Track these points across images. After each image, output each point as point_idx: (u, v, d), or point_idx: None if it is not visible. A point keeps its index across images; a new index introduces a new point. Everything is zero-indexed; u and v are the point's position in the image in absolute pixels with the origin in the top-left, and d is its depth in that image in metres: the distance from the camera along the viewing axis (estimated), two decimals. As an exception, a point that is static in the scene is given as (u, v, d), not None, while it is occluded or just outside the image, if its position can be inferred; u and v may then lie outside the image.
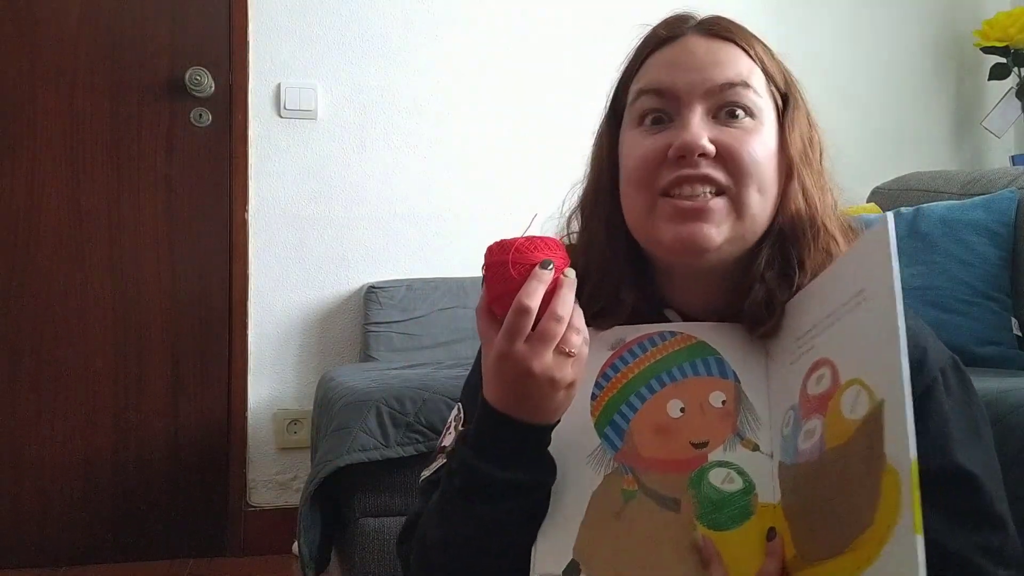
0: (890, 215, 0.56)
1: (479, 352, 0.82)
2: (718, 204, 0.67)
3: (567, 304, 0.62)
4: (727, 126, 0.69)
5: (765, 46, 0.74)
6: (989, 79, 2.54)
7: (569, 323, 0.62)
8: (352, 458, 1.46)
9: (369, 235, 2.32)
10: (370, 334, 2.19)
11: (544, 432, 0.64)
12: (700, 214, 0.67)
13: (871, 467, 0.50)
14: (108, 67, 2.16)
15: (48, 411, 2.12)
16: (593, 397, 0.68)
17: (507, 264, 0.60)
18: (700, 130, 0.67)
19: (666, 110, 0.70)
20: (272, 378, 2.26)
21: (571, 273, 0.63)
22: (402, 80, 2.35)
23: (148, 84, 2.18)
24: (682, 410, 0.66)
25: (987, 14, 2.60)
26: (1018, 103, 2.51)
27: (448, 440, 0.78)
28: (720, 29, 0.73)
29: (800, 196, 0.70)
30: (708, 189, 0.68)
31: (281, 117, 2.28)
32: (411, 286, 2.25)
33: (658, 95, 0.70)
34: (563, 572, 0.62)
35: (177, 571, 2.10)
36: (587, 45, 2.39)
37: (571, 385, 0.63)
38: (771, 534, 0.59)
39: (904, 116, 2.68)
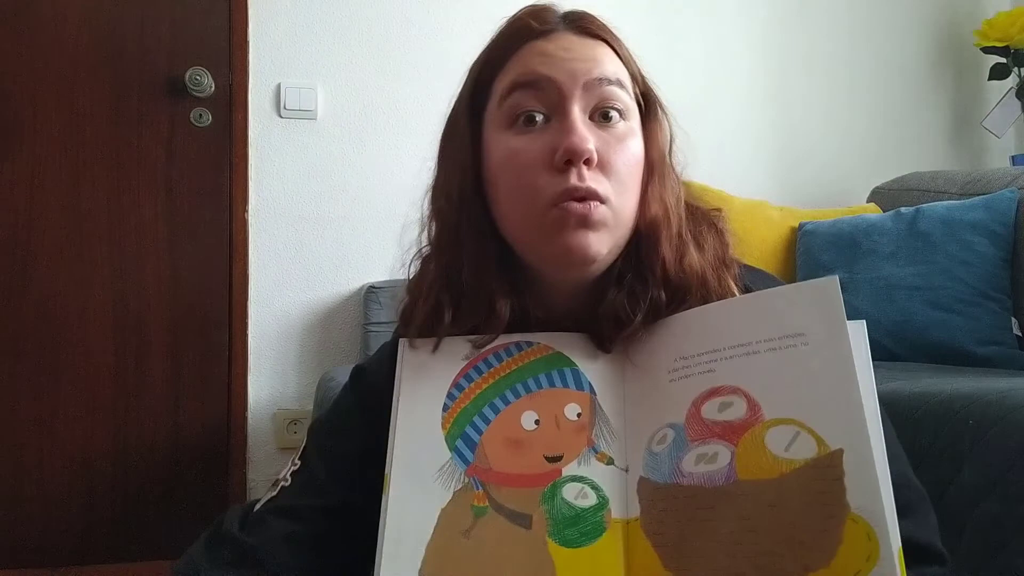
0: (835, 278, 0.59)
1: (339, 397, 0.80)
2: (600, 213, 0.64)
3: None
4: (602, 130, 0.66)
5: (627, 49, 0.72)
6: (989, 79, 2.54)
7: None
8: (352, 458, 1.46)
9: (369, 235, 2.32)
10: (370, 334, 2.19)
11: None
12: (588, 223, 0.64)
13: (826, 512, 0.51)
14: (108, 67, 2.16)
15: (48, 411, 2.12)
16: (445, 408, 0.65)
17: None
18: (586, 132, 0.64)
19: (542, 108, 0.66)
20: (272, 378, 2.26)
21: None
22: (402, 80, 2.35)
23: (148, 84, 2.18)
24: (536, 422, 0.64)
25: (987, 14, 2.61)
26: (1018, 103, 2.51)
27: (284, 472, 0.74)
28: (592, 27, 0.70)
29: (658, 201, 0.68)
30: (593, 203, 0.64)
31: (281, 117, 2.28)
32: (411, 286, 2.24)
33: (534, 88, 0.66)
34: None
35: (177, 571, 2.10)
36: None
37: None
38: None
39: (904, 116, 2.68)
